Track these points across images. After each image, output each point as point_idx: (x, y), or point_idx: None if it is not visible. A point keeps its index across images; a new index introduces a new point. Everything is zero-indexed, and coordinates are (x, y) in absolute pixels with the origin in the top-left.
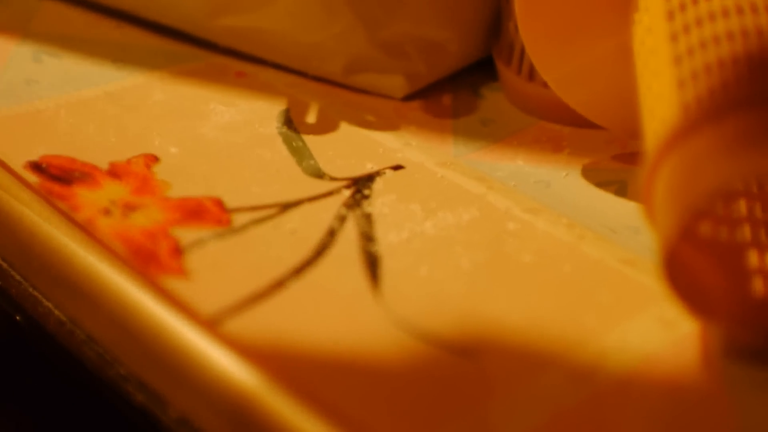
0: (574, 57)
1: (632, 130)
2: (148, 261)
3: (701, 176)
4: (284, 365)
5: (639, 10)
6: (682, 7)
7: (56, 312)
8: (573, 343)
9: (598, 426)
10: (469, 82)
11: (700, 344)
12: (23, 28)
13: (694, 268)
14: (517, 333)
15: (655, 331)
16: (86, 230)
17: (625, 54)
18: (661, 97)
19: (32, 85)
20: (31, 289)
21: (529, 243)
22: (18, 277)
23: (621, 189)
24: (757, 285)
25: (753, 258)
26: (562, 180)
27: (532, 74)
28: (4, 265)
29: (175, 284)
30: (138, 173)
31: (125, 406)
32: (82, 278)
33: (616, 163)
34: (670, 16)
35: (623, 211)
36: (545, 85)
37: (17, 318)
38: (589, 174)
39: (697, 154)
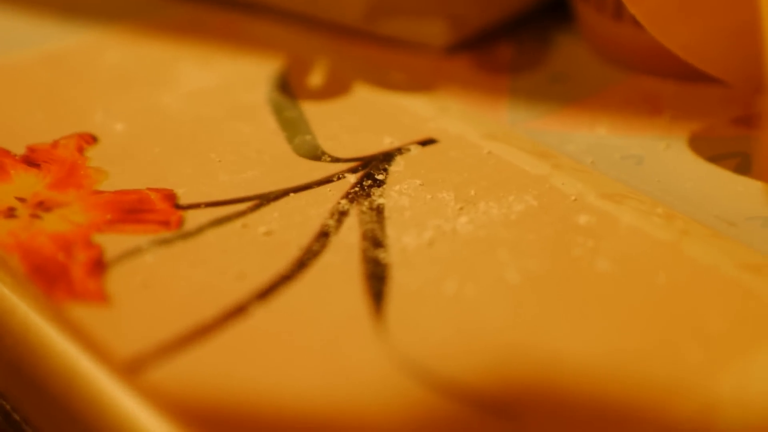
0: None
1: (760, 83)
2: (55, 281)
3: None
4: (233, 429)
5: None
6: None
7: None
8: (669, 390)
9: None
10: (536, 25)
11: None
12: None
13: None
14: (584, 378)
15: None
16: None
17: None
18: None
19: None
20: None
21: (607, 244)
22: None
23: (743, 164)
24: None
25: None
26: (660, 153)
27: (619, 10)
28: None
29: (86, 314)
30: (64, 159)
31: None
32: None
33: (736, 128)
34: None
35: (746, 194)
36: (638, 23)
37: None
38: (699, 144)
39: None
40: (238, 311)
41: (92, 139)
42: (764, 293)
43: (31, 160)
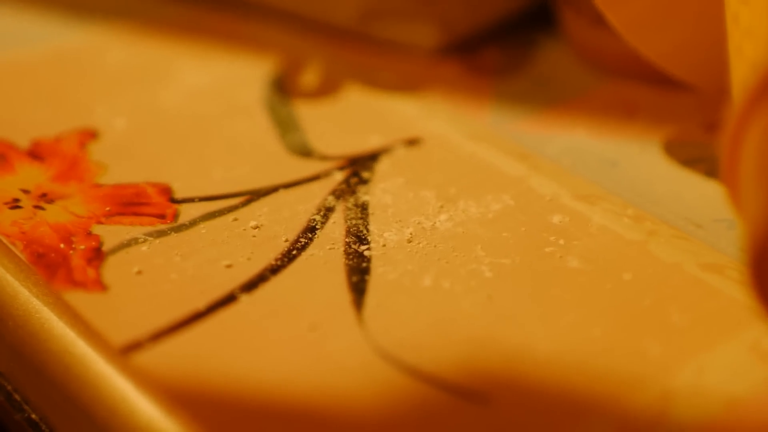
0: None
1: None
2: (55, 269)
3: None
4: (220, 410)
5: None
6: None
7: None
8: (628, 382)
9: None
10: (522, 31)
11: None
12: None
13: None
14: (550, 368)
15: (746, 366)
16: None
17: None
18: (751, 31)
19: None
20: None
21: (578, 243)
22: None
23: (713, 168)
24: None
25: None
26: (634, 157)
27: (599, 16)
28: None
29: (85, 300)
30: (66, 153)
31: None
32: None
33: (708, 134)
34: None
35: (714, 198)
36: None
37: None
38: (672, 148)
39: None
40: (227, 300)
41: (93, 135)
42: (725, 292)
43: (36, 153)
